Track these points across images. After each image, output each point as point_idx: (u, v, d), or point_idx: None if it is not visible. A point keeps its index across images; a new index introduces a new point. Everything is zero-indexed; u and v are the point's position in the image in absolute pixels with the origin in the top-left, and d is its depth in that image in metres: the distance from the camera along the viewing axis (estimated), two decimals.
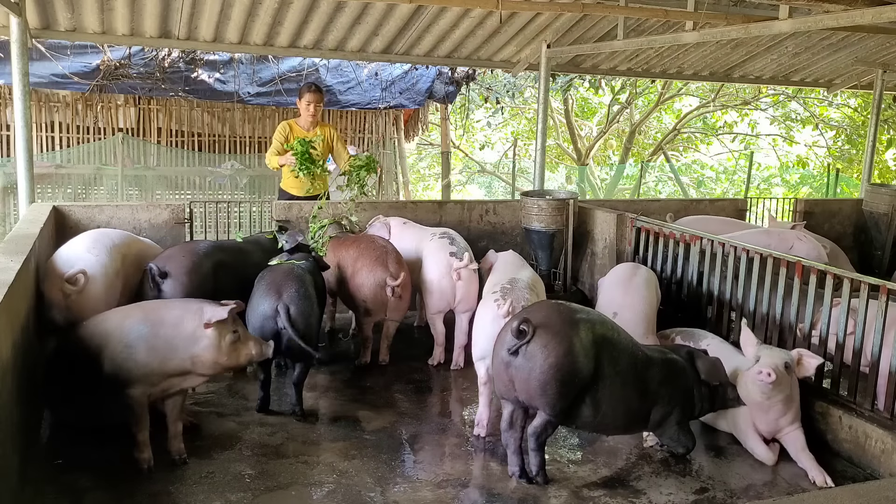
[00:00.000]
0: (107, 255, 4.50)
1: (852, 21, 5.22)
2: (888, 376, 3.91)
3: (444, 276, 5.15)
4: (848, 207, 8.21)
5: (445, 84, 10.77)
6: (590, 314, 3.79)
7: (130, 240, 4.96)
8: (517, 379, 3.56)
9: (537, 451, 3.67)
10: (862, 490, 1.84)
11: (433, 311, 5.28)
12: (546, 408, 3.55)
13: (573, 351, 3.49)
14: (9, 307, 3.19)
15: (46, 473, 3.60)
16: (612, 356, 3.62)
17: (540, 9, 6.59)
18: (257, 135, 10.43)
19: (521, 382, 3.54)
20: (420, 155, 17.97)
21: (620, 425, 3.84)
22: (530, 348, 3.50)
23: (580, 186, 15.82)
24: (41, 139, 9.50)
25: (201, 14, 6.82)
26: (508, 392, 3.65)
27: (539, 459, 3.68)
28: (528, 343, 3.50)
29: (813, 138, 18.09)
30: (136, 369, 3.55)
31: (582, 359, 3.51)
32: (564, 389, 3.50)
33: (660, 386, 3.79)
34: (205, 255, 4.70)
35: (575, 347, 3.50)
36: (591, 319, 3.69)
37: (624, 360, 3.67)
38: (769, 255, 4.72)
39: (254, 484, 3.59)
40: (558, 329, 3.53)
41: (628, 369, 3.68)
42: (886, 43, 8.81)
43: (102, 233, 4.86)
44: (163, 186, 9.99)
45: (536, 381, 3.49)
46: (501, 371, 3.63)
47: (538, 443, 3.65)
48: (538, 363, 3.48)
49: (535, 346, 3.50)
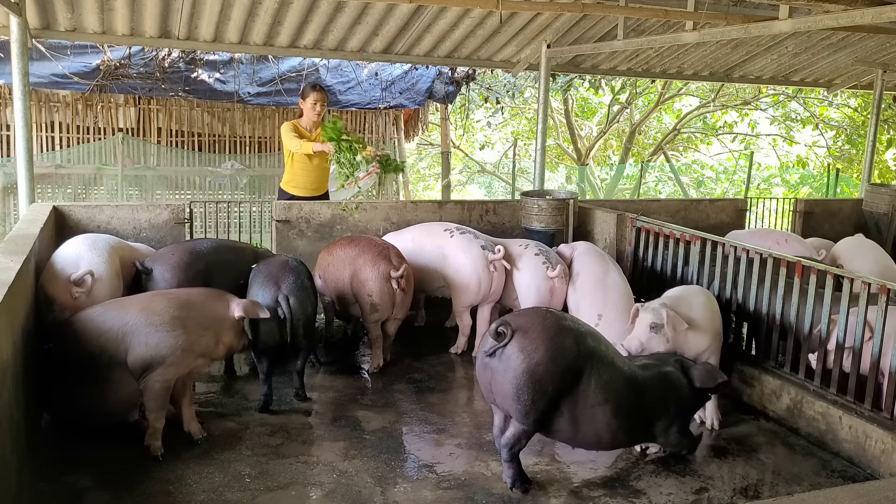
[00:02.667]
0: (108, 256, 4.57)
1: (852, 21, 5.23)
2: (888, 376, 3.91)
3: (482, 270, 5.27)
4: (848, 207, 8.21)
5: (445, 84, 10.78)
6: (579, 325, 3.61)
7: (123, 243, 5.03)
8: (493, 382, 3.45)
9: (510, 461, 3.53)
10: (862, 490, 1.84)
11: (464, 304, 5.41)
12: (518, 415, 3.41)
13: (550, 358, 3.35)
14: (9, 307, 3.19)
15: (46, 473, 3.60)
16: (599, 372, 3.45)
17: (540, 9, 6.59)
18: (257, 135, 10.44)
19: (497, 385, 3.43)
20: (420, 155, 17.97)
21: (606, 444, 3.67)
22: (507, 351, 3.39)
23: (580, 186, 15.83)
24: (41, 139, 9.50)
25: (201, 14, 6.82)
26: (489, 396, 3.56)
27: (513, 471, 3.55)
28: (505, 346, 3.39)
29: (813, 138, 18.10)
30: (170, 352, 3.69)
31: (560, 367, 3.36)
32: (538, 397, 3.35)
33: (659, 403, 3.67)
34: (193, 254, 4.79)
35: (553, 354, 3.36)
36: (580, 331, 3.52)
37: (615, 381, 3.50)
38: (769, 255, 4.72)
39: (254, 484, 3.59)
40: (538, 335, 3.39)
41: (619, 390, 3.51)
42: (886, 43, 8.82)
43: (97, 236, 4.89)
44: (163, 186, 9.99)
45: (510, 385, 3.37)
46: (481, 373, 3.54)
47: (510, 453, 3.52)
48: (512, 366, 3.36)
49: (511, 349, 3.38)
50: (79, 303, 4.18)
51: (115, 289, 4.50)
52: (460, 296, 5.37)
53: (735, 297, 4.93)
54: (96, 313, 3.82)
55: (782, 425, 4.50)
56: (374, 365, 5.09)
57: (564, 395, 3.42)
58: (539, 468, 3.87)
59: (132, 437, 3.98)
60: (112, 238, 4.93)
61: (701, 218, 7.26)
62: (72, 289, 4.19)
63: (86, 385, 3.74)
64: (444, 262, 5.42)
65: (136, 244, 5.26)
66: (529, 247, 5.45)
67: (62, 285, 4.21)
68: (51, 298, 4.20)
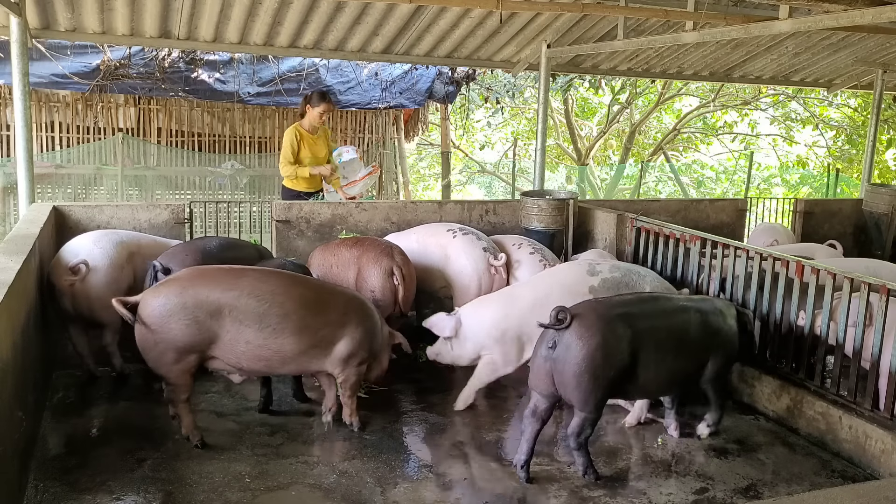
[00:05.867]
0: (113, 249, 4.79)
1: (852, 21, 5.23)
2: (888, 376, 3.91)
3: (483, 272, 5.32)
4: (848, 207, 8.21)
5: (445, 84, 10.77)
6: (629, 306, 3.78)
7: (142, 238, 5.21)
8: (555, 371, 3.59)
9: (578, 450, 3.71)
10: (862, 490, 1.84)
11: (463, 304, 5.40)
12: (580, 403, 3.58)
13: (606, 345, 3.54)
14: (9, 307, 3.19)
15: (46, 473, 3.60)
16: (656, 342, 3.70)
17: (540, 9, 6.59)
18: (257, 135, 10.44)
19: (558, 375, 3.58)
20: (420, 155, 17.97)
21: (666, 390, 4.03)
22: (566, 340, 3.55)
23: (580, 186, 15.82)
24: (41, 139, 9.50)
25: (201, 14, 6.82)
26: (545, 387, 3.65)
27: (583, 459, 3.72)
28: (566, 330, 3.55)
29: (813, 138, 18.09)
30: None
31: (615, 354, 3.56)
32: (597, 384, 3.54)
33: (711, 338, 3.94)
34: (208, 253, 4.78)
35: (608, 341, 3.54)
36: (631, 312, 3.71)
37: (669, 340, 3.76)
38: (769, 255, 4.72)
39: (254, 484, 3.59)
40: (593, 321, 3.57)
41: (675, 345, 3.79)
42: (886, 43, 8.82)
43: (114, 231, 5.18)
44: (163, 186, 9.99)
45: (570, 374, 3.53)
46: (540, 364, 3.66)
47: (577, 442, 3.69)
48: (572, 355, 3.53)
49: (570, 337, 3.54)
50: (74, 289, 4.56)
51: (114, 279, 4.72)
52: (461, 296, 5.37)
53: (735, 297, 4.93)
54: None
55: (782, 425, 4.50)
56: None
57: (622, 375, 3.62)
58: (539, 468, 3.86)
59: (132, 438, 3.99)
60: (127, 233, 5.15)
61: (701, 218, 7.26)
62: (66, 275, 4.54)
63: None
64: (447, 263, 5.44)
65: (167, 240, 5.37)
66: (523, 245, 5.55)
67: (59, 272, 4.58)
68: (52, 284, 4.58)
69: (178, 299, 3.66)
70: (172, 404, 3.87)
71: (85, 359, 4.81)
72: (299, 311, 3.79)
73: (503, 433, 4.30)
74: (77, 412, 4.35)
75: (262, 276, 3.88)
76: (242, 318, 3.67)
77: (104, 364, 4.85)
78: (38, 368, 4.11)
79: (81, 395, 4.62)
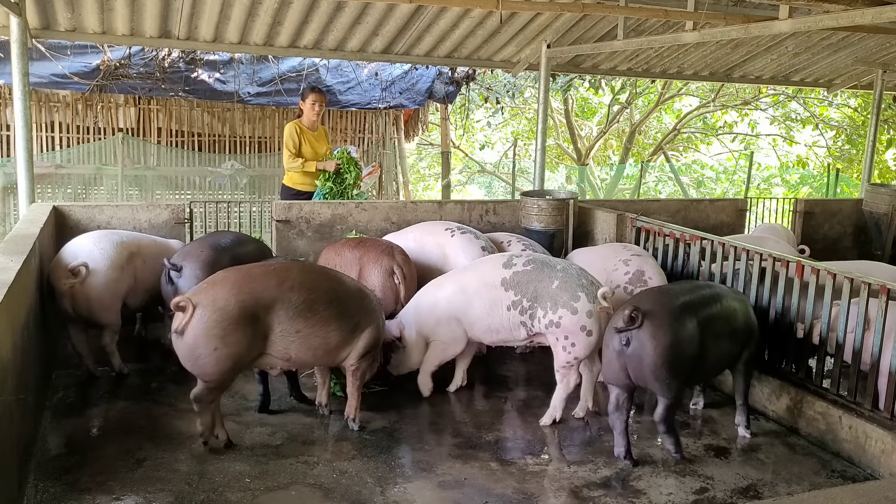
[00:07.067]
0: (113, 250, 4.77)
1: (852, 21, 5.23)
2: (888, 376, 3.91)
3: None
4: (848, 207, 8.21)
5: (445, 84, 10.77)
6: (690, 294, 4.00)
7: (142, 238, 5.19)
8: (630, 367, 3.81)
9: (667, 433, 3.97)
10: (862, 490, 1.84)
11: None
12: (662, 391, 3.82)
13: (677, 340, 3.75)
14: (9, 307, 3.19)
15: (46, 473, 3.60)
16: (716, 329, 3.94)
17: (540, 9, 6.59)
18: (257, 135, 10.43)
19: (634, 371, 3.81)
20: (420, 155, 17.97)
21: (716, 373, 4.41)
22: (640, 337, 3.75)
23: (580, 186, 15.82)
24: (41, 139, 9.49)
25: (201, 14, 6.82)
26: (620, 380, 3.87)
27: (673, 439, 3.98)
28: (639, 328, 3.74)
29: (813, 138, 18.09)
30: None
31: (686, 345, 3.79)
32: (674, 374, 3.78)
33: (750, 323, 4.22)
34: (221, 250, 4.81)
35: (679, 336, 3.76)
36: (693, 302, 3.93)
37: (724, 326, 4.03)
38: (769, 255, 4.72)
39: (254, 484, 3.59)
40: (664, 318, 3.77)
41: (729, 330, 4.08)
42: (886, 43, 8.82)
43: (114, 231, 5.16)
44: (163, 186, 9.98)
45: (648, 370, 3.76)
46: (614, 360, 3.86)
47: (666, 426, 3.94)
48: (647, 352, 3.74)
49: (644, 335, 3.75)
50: (74, 291, 4.54)
51: (114, 281, 4.71)
52: None
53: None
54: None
55: (782, 425, 4.50)
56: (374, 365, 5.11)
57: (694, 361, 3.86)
58: (539, 468, 3.87)
59: (131, 437, 3.99)
60: (127, 234, 5.13)
61: (701, 218, 7.26)
62: (66, 277, 4.52)
63: None
64: (445, 261, 5.43)
65: (167, 240, 5.36)
66: (513, 242, 5.69)
67: (59, 273, 4.56)
68: (52, 285, 4.56)
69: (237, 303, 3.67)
70: (200, 403, 3.81)
71: (84, 359, 4.81)
72: (343, 300, 3.98)
73: (503, 433, 4.30)
74: (77, 412, 4.36)
75: (306, 268, 4.18)
76: (295, 309, 3.78)
77: (103, 364, 4.85)
78: (37, 368, 4.10)
79: (81, 394, 4.62)
